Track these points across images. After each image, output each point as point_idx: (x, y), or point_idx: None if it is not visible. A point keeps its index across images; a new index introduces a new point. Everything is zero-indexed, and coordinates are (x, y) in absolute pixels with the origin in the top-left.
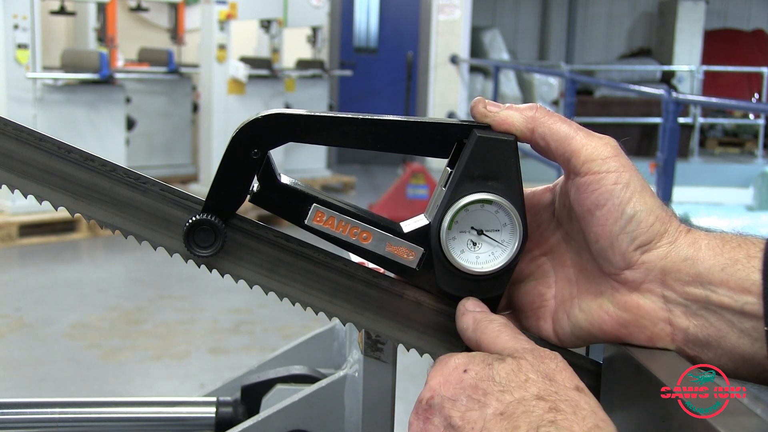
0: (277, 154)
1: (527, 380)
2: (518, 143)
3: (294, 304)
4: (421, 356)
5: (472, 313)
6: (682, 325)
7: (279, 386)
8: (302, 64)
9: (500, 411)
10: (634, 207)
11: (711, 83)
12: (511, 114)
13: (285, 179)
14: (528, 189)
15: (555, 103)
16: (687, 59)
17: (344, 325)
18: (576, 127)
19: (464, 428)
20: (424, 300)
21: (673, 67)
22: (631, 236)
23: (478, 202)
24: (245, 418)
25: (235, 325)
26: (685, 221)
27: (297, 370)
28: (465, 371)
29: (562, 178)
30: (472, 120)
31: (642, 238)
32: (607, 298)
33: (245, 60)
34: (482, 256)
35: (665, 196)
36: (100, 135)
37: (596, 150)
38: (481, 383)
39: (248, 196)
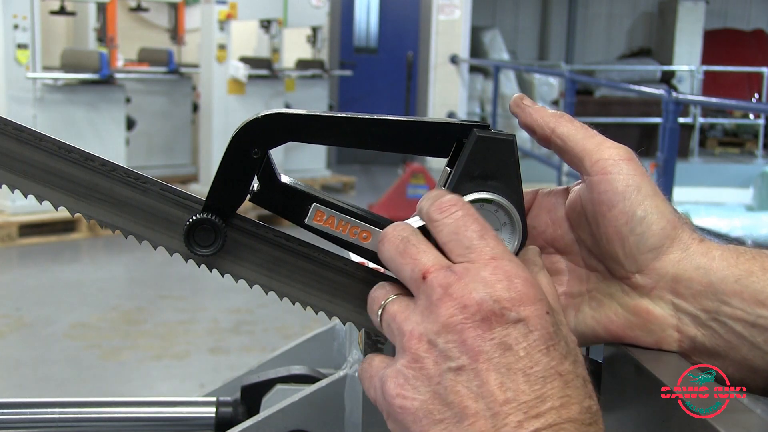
0: (277, 154)
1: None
2: (517, 144)
3: (294, 304)
4: None
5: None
6: (690, 333)
7: (279, 386)
8: (302, 64)
9: (560, 371)
10: (645, 210)
11: (711, 83)
12: (539, 109)
13: (285, 179)
14: (546, 188)
15: (555, 103)
16: (687, 59)
17: (344, 324)
18: (594, 132)
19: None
20: None
21: (673, 67)
22: (642, 238)
23: (477, 202)
24: (245, 418)
25: (235, 325)
26: (701, 231)
27: (297, 370)
28: (547, 312)
29: (579, 181)
30: (472, 120)
31: (653, 241)
32: (616, 300)
33: (245, 60)
34: None
35: (665, 196)
36: (100, 135)
37: (609, 151)
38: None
39: (248, 196)
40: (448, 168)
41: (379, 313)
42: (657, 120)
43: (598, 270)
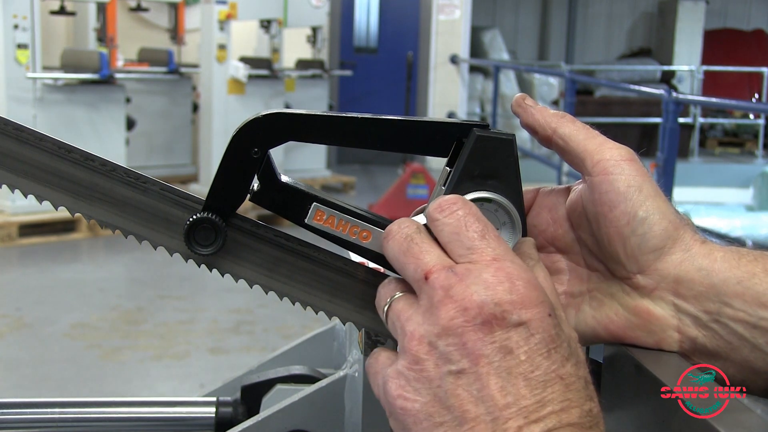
0: (277, 154)
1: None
2: (517, 144)
3: (294, 304)
4: None
5: None
6: (691, 334)
7: (279, 386)
8: (302, 64)
9: (561, 375)
10: (647, 210)
11: (711, 83)
12: (541, 110)
13: (285, 178)
14: (547, 187)
15: (555, 103)
16: (687, 59)
17: (344, 324)
18: (596, 133)
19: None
20: None
21: (673, 67)
22: (644, 239)
23: (477, 201)
24: (245, 418)
25: (235, 325)
26: (703, 232)
27: (297, 370)
28: (549, 315)
29: (580, 180)
30: (472, 120)
31: (654, 242)
32: (617, 300)
33: (245, 60)
34: None
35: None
36: (100, 135)
37: (610, 151)
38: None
39: (248, 195)
40: (447, 168)
41: (385, 309)
42: (657, 120)
43: (599, 270)
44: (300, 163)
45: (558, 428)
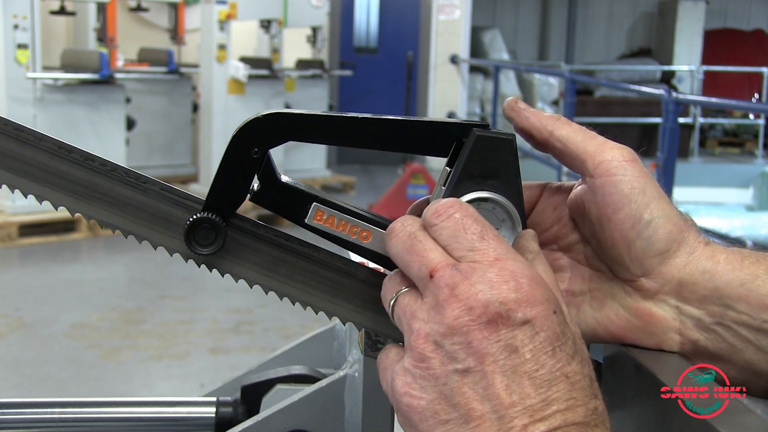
0: (277, 154)
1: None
2: (518, 144)
3: (294, 304)
4: None
5: None
6: (693, 337)
7: (279, 386)
8: (302, 64)
9: (566, 373)
10: (651, 213)
11: (711, 83)
12: (535, 113)
13: (285, 178)
14: (554, 183)
15: (555, 103)
16: (687, 59)
17: (344, 324)
18: (594, 134)
19: (523, 353)
20: None
21: (673, 67)
22: (648, 242)
23: (476, 201)
24: (245, 418)
25: (235, 325)
26: (705, 232)
27: (297, 370)
28: (554, 312)
29: (580, 180)
30: (472, 120)
31: (659, 245)
32: (618, 301)
33: (245, 60)
34: None
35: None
36: (100, 135)
37: (612, 152)
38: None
39: (248, 195)
40: (447, 168)
41: (391, 303)
42: (657, 120)
43: (601, 270)
44: (300, 163)
45: (563, 427)
